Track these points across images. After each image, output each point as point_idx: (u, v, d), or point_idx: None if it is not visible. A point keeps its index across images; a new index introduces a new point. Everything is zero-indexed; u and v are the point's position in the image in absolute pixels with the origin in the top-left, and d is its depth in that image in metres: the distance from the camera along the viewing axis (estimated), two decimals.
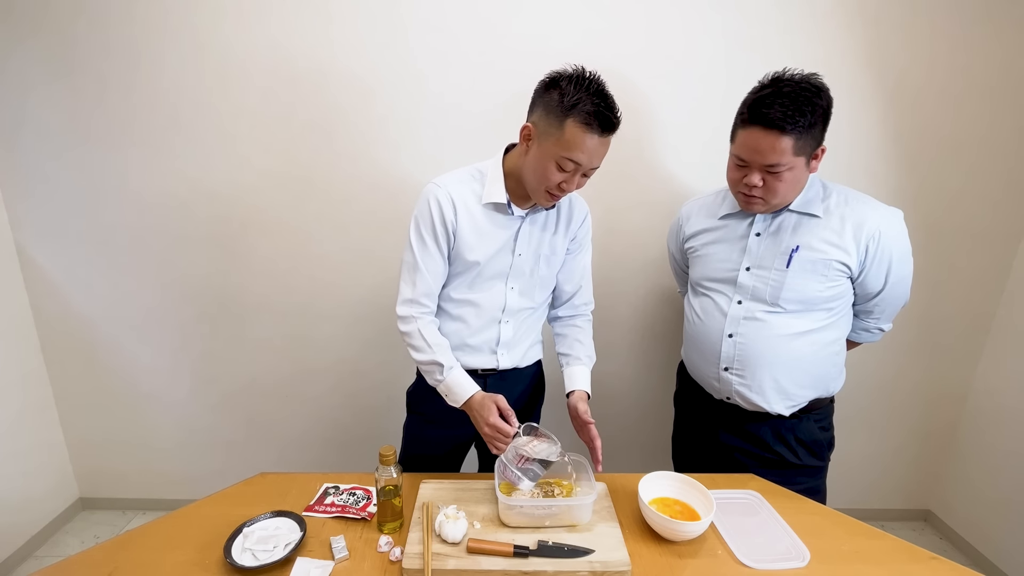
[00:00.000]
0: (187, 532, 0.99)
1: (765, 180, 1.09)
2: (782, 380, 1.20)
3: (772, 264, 1.17)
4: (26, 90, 1.67)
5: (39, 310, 1.91)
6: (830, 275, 1.14)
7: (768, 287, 1.18)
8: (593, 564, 0.90)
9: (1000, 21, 1.59)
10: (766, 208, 1.15)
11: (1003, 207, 1.76)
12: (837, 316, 1.20)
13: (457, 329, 1.21)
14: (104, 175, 1.75)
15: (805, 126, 1.02)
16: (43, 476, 1.99)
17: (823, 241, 1.13)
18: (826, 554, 0.95)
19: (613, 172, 1.71)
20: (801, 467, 1.27)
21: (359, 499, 1.09)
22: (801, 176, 1.10)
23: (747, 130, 1.07)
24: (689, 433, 1.45)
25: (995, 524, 1.86)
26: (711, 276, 1.27)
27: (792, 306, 1.17)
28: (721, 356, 1.24)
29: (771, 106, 1.02)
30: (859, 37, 1.59)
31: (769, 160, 1.05)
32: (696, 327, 1.31)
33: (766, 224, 1.19)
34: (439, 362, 1.12)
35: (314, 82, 1.65)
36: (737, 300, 1.22)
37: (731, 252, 1.23)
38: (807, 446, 1.26)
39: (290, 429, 2.04)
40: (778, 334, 1.18)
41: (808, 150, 1.07)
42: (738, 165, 1.12)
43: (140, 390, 2.00)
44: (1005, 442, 1.82)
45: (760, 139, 1.05)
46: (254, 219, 1.79)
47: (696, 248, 1.32)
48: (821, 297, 1.16)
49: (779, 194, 1.10)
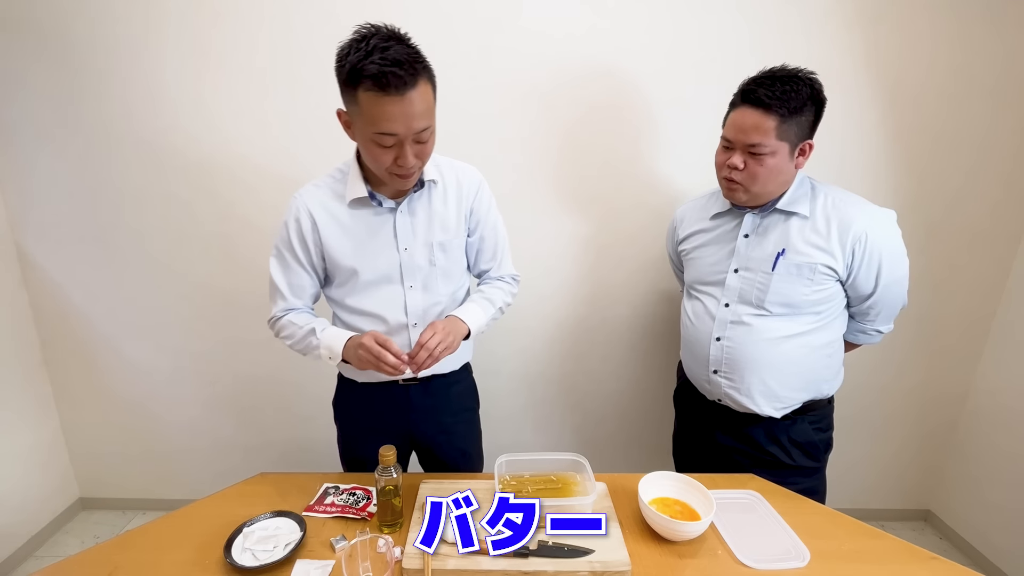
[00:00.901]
0: (187, 532, 0.99)
1: (747, 164, 1.10)
2: (770, 383, 1.20)
3: (759, 267, 1.17)
4: (26, 90, 1.67)
5: (39, 310, 1.91)
6: (816, 279, 1.13)
7: (754, 289, 1.18)
8: (593, 564, 0.90)
9: (1000, 21, 1.59)
10: (747, 198, 1.15)
11: (1003, 207, 1.75)
12: (828, 319, 1.19)
13: None
14: (104, 175, 1.75)
15: (790, 109, 1.04)
16: (43, 476, 1.99)
17: (808, 244, 1.13)
18: (826, 554, 0.95)
19: (613, 172, 1.72)
20: (796, 468, 1.27)
21: (359, 499, 1.09)
22: (784, 166, 1.10)
23: (736, 110, 1.11)
24: (688, 433, 1.45)
25: (995, 524, 1.86)
26: (702, 279, 1.28)
27: (778, 309, 1.17)
28: (710, 359, 1.25)
29: (760, 86, 1.05)
30: (859, 37, 1.59)
31: (752, 139, 1.07)
32: (688, 330, 1.32)
33: (754, 225, 1.20)
34: (311, 327, 1.08)
35: (314, 82, 1.65)
36: (724, 303, 1.22)
37: (720, 254, 1.24)
38: (801, 447, 1.26)
39: (290, 429, 2.04)
40: (765, 338, 1.18)
41: (793, 138, 1.08)
42: (724, 147, 1.15)
43: (140, 390, 2.00)
44: (1005, 442, 1.82)
45: (746, 117, 1.07)
46: (254, 219, 1.79)
47: (688, 251, 1.33)
48: (808, 300, 1.15)
49: (759, 180, 1.10)
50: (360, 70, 0.85)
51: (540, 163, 1.72)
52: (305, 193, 1.10)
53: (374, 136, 0.91)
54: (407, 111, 0.88)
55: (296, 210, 1.09)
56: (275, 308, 1.15)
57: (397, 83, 0.85)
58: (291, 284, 1.13)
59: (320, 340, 1.07)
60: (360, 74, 0.86)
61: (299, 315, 1.14)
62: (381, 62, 0.84)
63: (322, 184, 1.11)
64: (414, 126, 0.90)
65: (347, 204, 1.08)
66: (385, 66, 0.84)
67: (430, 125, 0.95)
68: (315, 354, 1.09)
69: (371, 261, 1.09)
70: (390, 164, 0.95)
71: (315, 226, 1.08)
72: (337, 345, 1.05)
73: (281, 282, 1.12)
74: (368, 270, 1.10)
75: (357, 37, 0.89)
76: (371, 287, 1.12)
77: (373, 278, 1.11)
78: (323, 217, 1.08)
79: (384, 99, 0.86)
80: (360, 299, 1.12)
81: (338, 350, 1.05)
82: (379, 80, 0.85)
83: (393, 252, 1.10)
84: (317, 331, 1.07)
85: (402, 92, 0.86)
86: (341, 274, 1.11)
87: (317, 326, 1.08)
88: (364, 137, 0.94)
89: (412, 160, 0.95)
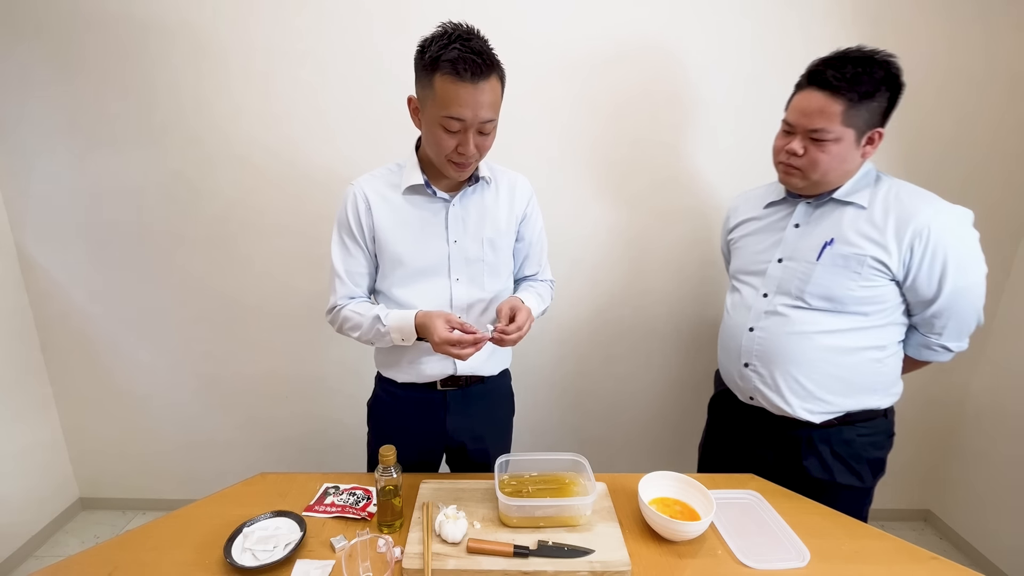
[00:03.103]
0: (187, 532, 0.99)
1: (807, 149, 1.02)
2: (802, 380, 1.12)
3: (803, 256, 1.10)
4: (26, 90, 1.67)
5: (39, 310, 1.91)
6: (864, 272, 1.03)
7: (795, 279, 1.10)
8: (593, 564, 0.90)
9: (1000, 20, 1.59)
10: (804, 184, 1.07)
11: (1003, 207, 1.76)
12: (877, 321, 1.08)
13: None
14: (104, 175, 1.75)
15: (860, 94, 0.96)
16: (43, 476, 1.99)
17: (860, 235, 1.04)
18: (826, 554, 0.95)
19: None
20: (836, 486, 1.15)
21: (359, 499, 1.09)
22: (848, 155, 1.02)
23: (801, 92, 1.03)
24: (719, 442, 1.37)
25: (995, 524, 1.86)
26: (745, 268, 1.22)
27: (817, 302, 1.08)
28: (742, 350, 1.18)
29: (828, 67, 0.98)
30: (859, 37, 1.59)
31: (815, 123, 0.99)
32: (725, 322, 1.26)
33: (806, 214, 1.12)
34: (376, 315, 1.08)
35: (314, 82, 1.65)
36: (763, 293, 1.16)
37: (767, 243, 1.17)
38: (844, 462, 1.14)
39: (290, 429, 2.04)
40: (799, 331, 1.10)
41: (861, 125, 1.00)
42: (785, 131, 1.07)
43: (140, 390, 2.00)
44: (1005, 442, 1.82)
45: (811, 99, 1.00)
46: (254, 219, 1.79)
47: (736, 239, 1.27)
48: (852, 297, 1.05)
49: (819, 168, 1.03)
50: (440, 56, 0.91)
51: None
52: (361, 180, 1.13)
53: (442, 120, 0.96)
54: (477, 99, 0.94)
55: (352, 196, 1.11)
56: (334, 297, 1.15)
57: (474, 70, 0.91)
58: (349, 271, 1.14)
59: (389, 326, 1.07)
60: (440, 60, 0.91)
61: (359, 304, 1.14)
62: (462, 50, 0.91)
63: (378, 174, 1.14)
64: (481, 115, 0.96)
65: (402, 192, 1.10)
66: (464, 53, 0.91)
67: (494, 119, 1.00)
68: (385, 340, 1.10)
69: (420, 250, 1.11)
70: (451, 151, 0.99)
71: (369, 209, 1.10)
72: (407, 326, 1.06)
73: (340, 267, 1.13)
74: (416, 259, 1.11)
75: (440, 31, 0.94)
76: (418, 278, 1.13)
77: (420, 267, 1.12)
78: (377, 201, 1.10)
79: (459, 84, 0.92)
80: (406, 291, 1.13)
81: (410, 330, 1.06)
82: (456, 66, 0.91)
83: (443, 243, 1.11)
84: (382, 317, 1.08)
85: (476, 81, 0.92)
86: (388, 262, 1.12)
87: (380, 313, 1.08)
88: (432, 121, 0.98)
89: (472, 149, 0.99)
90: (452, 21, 0.95)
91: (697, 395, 2.01)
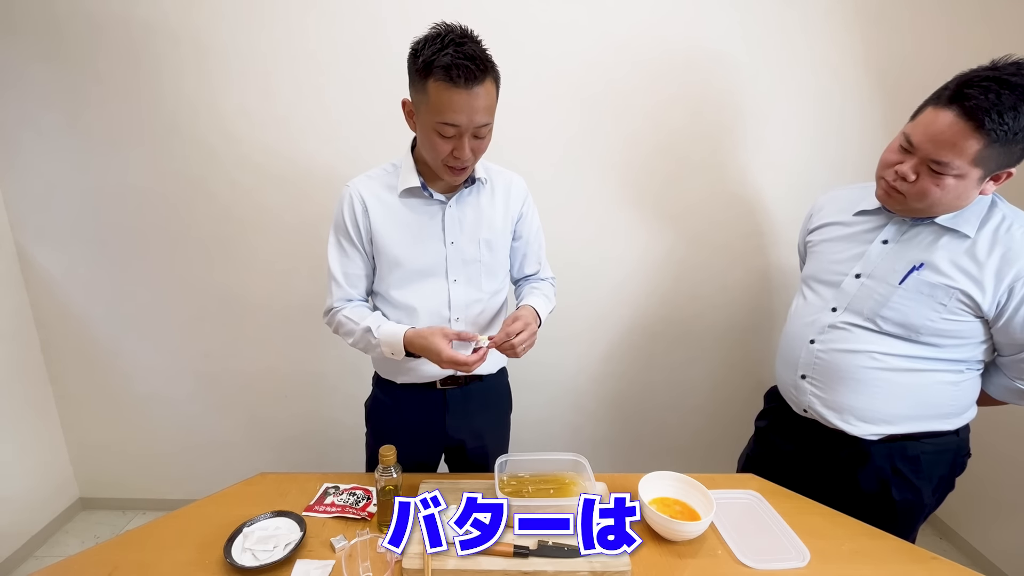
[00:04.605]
0: (187, 532, 0.99)
1: (919, 176, 0.90)
2: (862, 401, 1.04)
3: (885, 277, 1.00)
4: (26, 90, 1.67)
5: (39, 310, 1.91)
6: (950, 305, 0.93)
7: (871, 300, 1.01)
8: (593, 564, 0.89)
9: (1000, 20, 1.59)
10: (903, 209, 0.97)
11: None
12: (950, 355, 0.99)
13: None
14: (104, 175, 1.75)
15: (1008, 132, 0.82)
16: (43, 476, 1.99)
17: (954, 266, 0.93)
18: (826, 554, 0.95)
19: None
20: (891, 501, 1.08)
21: (359, 499, 1.09)
22: (965, 193, 0.90)
23: (937, 109, 0.88)
24: (768, 456, 1.28)
25: (995, 524, 1.86)
26: (818, 275, 1.13)
27: (891, 328, 0.99)
28: (800, 362, 1.12)
29: (977, 89, 0.82)
30: (859, 37, 1.59)
31: (942, 156, 0.86)
32: (786, 329, 1.20)
33: (899, 233, 1.01)
34: (367, 327, 1.08)
35: (314, 83, 1.65)
36: (832, 307, 1.07)
37: (847, 254, 1.07)
38: (903, 476, 1.06)
39: (290, 429, 2.04)
40: (863, 350, 1.02)
41: (992, 165, 0.87)
42: (902, 147, 0.93)
43: (140, 390, 2.00)
44: (1005, 442, 1.82)
45: (945, 124, 0.85)
46: (254, 219, 1.79)
47: (815, 243, 1.17)
48: (931, 328, 0.96)
49: (927, 200, 0.91)
50: (433, 62, 0.90)
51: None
52: (357, 182, 1.12)
53: (437, 125, 0.95)
54: (472, 104, 0.93)
55: (348, 197, 1.10)
56: (331, 299, 1.15)
57: (467, 76, 0.89)
58: (346, 273, 1.13)
59: (379, 339, 1.07)
60: (433, 65, 0.90)
61: (354, 309, 1.13)
62: (455, 55, 0.89)
63: (374, 176, 1.13)
64: (476, 119, 0.94)
65: (398, 194, 1.09)
66: (457, 59, 0.89)
67: (489, 123, 0.98)
68: (376, 352, 1.10)
69: (418, 252, 1.11)
70: (447, 155, 0.99)
71: (366, 211, 1.09)
72: (396, 342, 1.05)
73: (337, 270, 1.13)
74: (413, 261, 1.11)
75: (433, 33, 0.92)
76: (416, 279, 1.13)
77: (418, 269, 1.12)
78: (374, 203, 1.09)
79: (452, 90, 0.90)
80: (404, 292, 1.13)
81: (399, 346, 1.05)
82: (450, 71, 0.89)
83: (440, 245, 1.11)
84: (373, 330, 1.08)
85: (470, 86, 0.91)
86: (386, 264, 1.12)
87: (372, 324, 1.08)
88: (427, 126, 0.97)
89: (468, 154, 0.98)
90: (445, 22, 0.94)
91: (698, 394, 2.02)
